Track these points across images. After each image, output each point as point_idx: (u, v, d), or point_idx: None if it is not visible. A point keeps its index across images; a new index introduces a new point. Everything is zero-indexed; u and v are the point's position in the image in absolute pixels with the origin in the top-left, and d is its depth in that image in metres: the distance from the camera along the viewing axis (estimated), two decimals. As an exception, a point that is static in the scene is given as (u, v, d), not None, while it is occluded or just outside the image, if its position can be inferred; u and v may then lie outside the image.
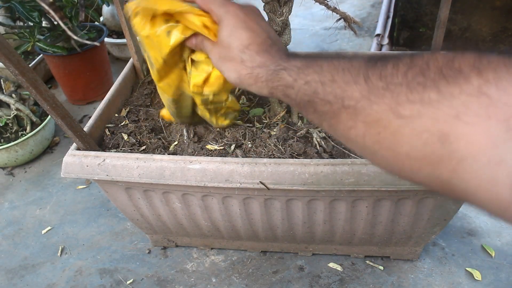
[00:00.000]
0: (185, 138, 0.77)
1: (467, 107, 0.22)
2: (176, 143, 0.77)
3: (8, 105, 1.23)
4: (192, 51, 0.56)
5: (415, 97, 0.25)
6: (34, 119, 1.24)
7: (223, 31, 0.43)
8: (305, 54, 0.40)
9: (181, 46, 0.53)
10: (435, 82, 0.24)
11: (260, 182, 0.63)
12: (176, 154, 0.73)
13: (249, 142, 0.74)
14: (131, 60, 0.93)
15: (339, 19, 0.65)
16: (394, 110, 0.26)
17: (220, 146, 0.74)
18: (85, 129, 0.73)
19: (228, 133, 0.77)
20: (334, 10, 0.64)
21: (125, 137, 0.78)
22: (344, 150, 0.71)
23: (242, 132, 0.75)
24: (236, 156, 0.71)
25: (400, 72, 0.26)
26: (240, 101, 0.87)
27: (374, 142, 0.28)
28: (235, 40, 0.42)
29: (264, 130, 0.76)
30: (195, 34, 0.50)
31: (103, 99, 0.83)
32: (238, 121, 0.78)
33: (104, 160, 0.69)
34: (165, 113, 0.75)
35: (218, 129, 0.78)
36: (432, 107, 0.24)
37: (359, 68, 0.29)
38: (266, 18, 0.65)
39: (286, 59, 0.38)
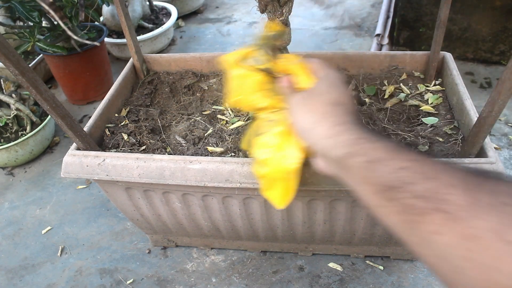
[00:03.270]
0: (183, 143, 0.77)
1: None
2: (169, 148, 0.77)
3: (8, 105, 1.23)
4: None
5: None
6: (34, 119, 1.24)
7: (322, 83, 0.46)
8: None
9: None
10: None
11: None
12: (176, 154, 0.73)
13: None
14: (131, 60, 0.93)
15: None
16: (498, 232, 0.23)
17: (221, 148, 0.74)
18: (85, 129, 0.73)
19: (230, 136, 0.77)
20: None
21: (125, 137, 0.78)
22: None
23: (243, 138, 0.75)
24: (237, 156, 0.71)
25: (505, 190, 0.25)
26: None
27: (464, 259, 0.25)
28: (329, 94, 0.43)
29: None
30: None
31: (103, 99, 0.83)
32: None
33: (104, 160, 0.69)
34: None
35: (219, 132, 0.78)
36: None
37: (464, 175, 0.27)
38: (266, 19, 0.65)
39: (372, 135, 0.35)
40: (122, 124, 0.82)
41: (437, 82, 0.84)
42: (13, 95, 1.22)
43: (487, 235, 0.24)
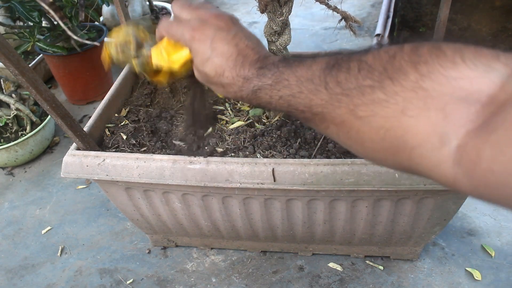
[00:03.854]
0: (183, 143, 0.77)
1: (409, 102, 0.26)
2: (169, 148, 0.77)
3: (8, 105, 1.23)
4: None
5: (367, 98, 0.29)
6: (34, 119, 1.24)
7: (196, 63, 0.44)
8: (272, 61, 0.40)
9: None
10: (381, 82, 0.28)
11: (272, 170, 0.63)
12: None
13: (251, 147, 0.74)
14: (131, 60, 0.93)
15: (341, 19, 0.65)
16: (353, 112, 0.30)
17: (221, 148, 0.74)
18: (85, 129, 0.73)
19: (230, 137, 0.77)
20: (335, 9, 0.64)
21: (125, 137, 0.78)
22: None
23: (243, 138, 0.75)
24: (237, 156, 0.71)
25: (352, 75, 0.30)
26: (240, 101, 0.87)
27: (346, 139, 0.33)
28: (210, 70, 0.42)
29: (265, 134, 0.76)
30: None
31: (103, 99, 0.83)
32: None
33: (104, 160, 0.69)
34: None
35: (219, 132, 0.78)
36: (382, 106, 0.28)
37: (319, 75, 0.33)
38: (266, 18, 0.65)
39: (258, 78, 0.39)
40: (122, 124, 0.82)
41: (437, 82, 0.84)
42: (13, 95, 1.22)
43: (347, 118, 0.30)
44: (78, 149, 0.71)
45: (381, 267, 0.89)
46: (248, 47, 0.43)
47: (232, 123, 0.80)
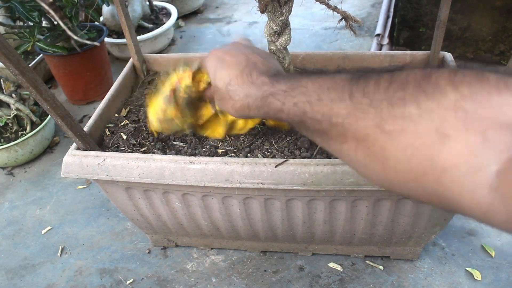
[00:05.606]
0: (183, 143, 0.77)
1: (446, 121, 0.24)
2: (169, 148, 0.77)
3: (8, 105, 1.23)
4: None
5: (397, 112, 0.26)
6: (34, 119, 1.24)
7: (210, 78, 0.46)
8: (285, 73, 0.41)
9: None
10: (415, 96, 0.26)
11: (277, 165, 0.64)
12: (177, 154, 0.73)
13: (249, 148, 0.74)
14: (131, 60, 0.93)
15: (341, 19, 0.65)
16: (379, 125, 0.27)
17: (221, 149, 0.74)
18: (85, 129, 0.73)
19: (230, 137, 0.77)
20: (335, 9, 0.64)
21: (125, 137, 0.78)
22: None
23: (243, 138, 0.75)
24: (236, 156, 0.71)
25: (381, 88, 0.28)
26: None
27: (365, 156, 0.29)
28: (219, 82, 0.44)
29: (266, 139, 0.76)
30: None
31: (103, 99, 0.83)
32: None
33: (104, 160, 0.69)
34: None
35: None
36: (413, 122, 0.25)
37: (343, 85, 0.31)
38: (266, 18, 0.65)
39: (270, 84, 0.38)
40: (122, 124, 0.82)
41: (437, 82, 0.84)
42: (13, 95, 1.22)
43: (372, 131, 0.28)
44: (78, 149, 0.71)
45: (381, 267, 0.89)
46: (260, 62, 0.43)
47: (232, 123, 0.80)
